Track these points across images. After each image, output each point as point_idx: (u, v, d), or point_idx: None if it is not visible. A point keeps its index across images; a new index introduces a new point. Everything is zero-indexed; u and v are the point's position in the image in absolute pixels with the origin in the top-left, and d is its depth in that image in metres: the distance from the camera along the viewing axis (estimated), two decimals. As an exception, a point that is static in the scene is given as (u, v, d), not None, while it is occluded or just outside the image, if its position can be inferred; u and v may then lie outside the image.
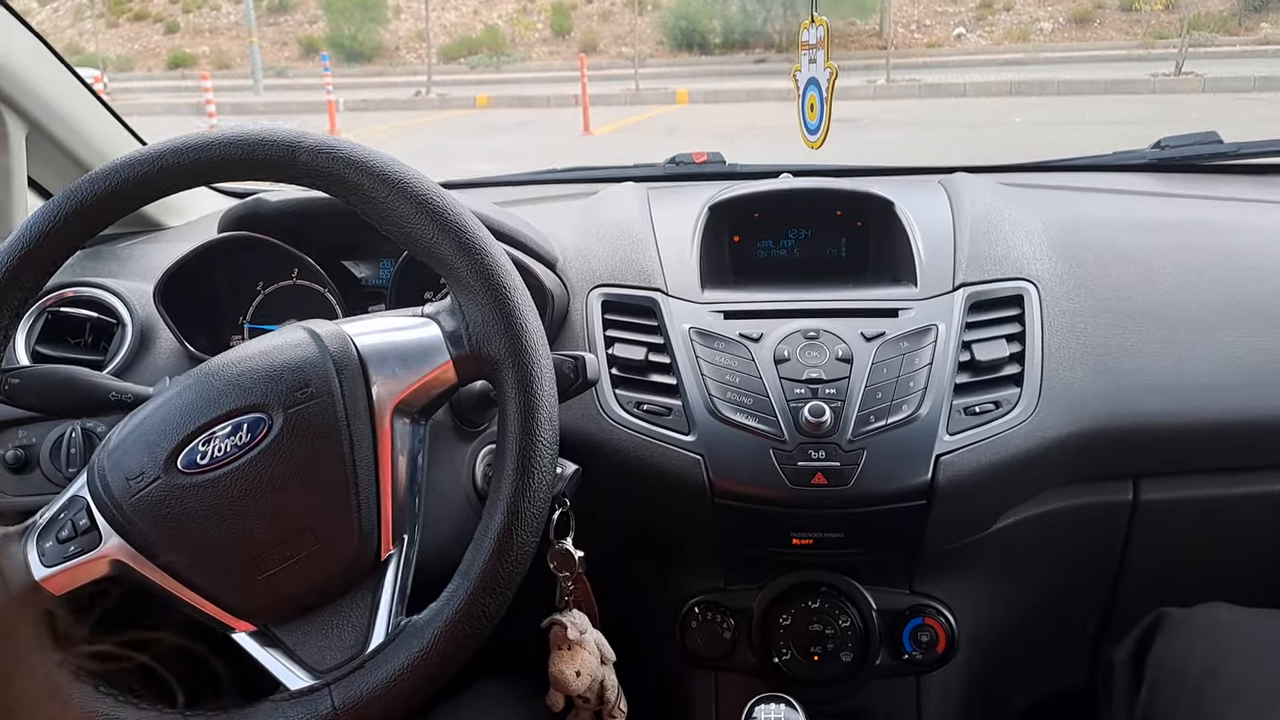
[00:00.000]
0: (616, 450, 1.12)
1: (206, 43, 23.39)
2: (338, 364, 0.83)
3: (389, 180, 0.83)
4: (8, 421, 1.17)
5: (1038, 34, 18.54)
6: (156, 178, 0.85)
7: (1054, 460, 1.11)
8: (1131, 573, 1.24)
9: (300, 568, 0.81)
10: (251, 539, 0.81)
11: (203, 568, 0.82)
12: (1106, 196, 1.42)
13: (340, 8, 21.29)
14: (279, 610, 0.83)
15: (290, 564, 0.81)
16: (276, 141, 0.84)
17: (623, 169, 1.68)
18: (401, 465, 0.85)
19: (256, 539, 0.81)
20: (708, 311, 1.18)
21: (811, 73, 1.29)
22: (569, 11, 22.12)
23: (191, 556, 0.81)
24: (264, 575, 0.81)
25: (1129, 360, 1.16)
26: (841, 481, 1.06)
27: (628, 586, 1.22)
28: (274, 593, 0.82)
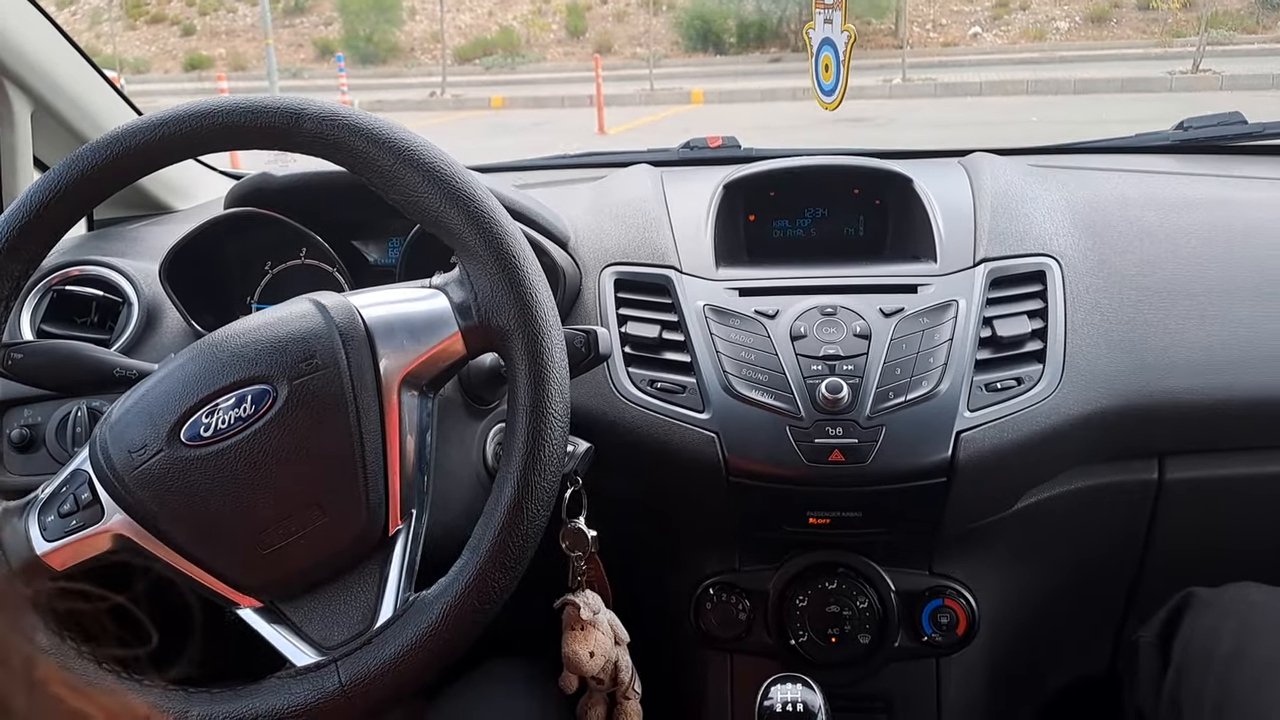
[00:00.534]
0: (630, 428, 1.10)
1: (223, 45, 23.50)
2: (344, 335, 0.81)
3: (395, 148, 0.81)
4: (13, 400, 1.16)
5: (1054, 33, 18.46)
6: (158, 145, 0.84)
7: (1077, 438, 1.09)
8: (1157, 553, 1.22)
9: (306, 542, 0.79)
10: (256, 513, 0.79)
11: (206, 542, 0.80)
12: (1129, 175, 1.39)
13: (355, 9, 21.36)
14: (285, 586, 0.81)
15: (296, 538, 0.79)
16: (280, 109, 0.83)
17: (637, 153, 1.66)
18: (409, 439, 0.83)
19: (261, 513, 0.79)
20: (722, 289, 1.16)
21: (826, 32, 1.27)
22: (584, 12, 22.13)
23: (195, 530, 0.80)
24: (269, 550, 0.79)
25: (1154, 336, 1.14)
26: (860, 459, 1.03)
27: (642, 567, 1.20)
28: (279, 568, 0.80)
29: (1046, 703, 1.38)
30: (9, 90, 1.26)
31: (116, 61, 19.81)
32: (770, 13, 19.02)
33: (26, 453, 1.16)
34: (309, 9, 23.86)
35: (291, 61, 21.55)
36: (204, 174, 1.63)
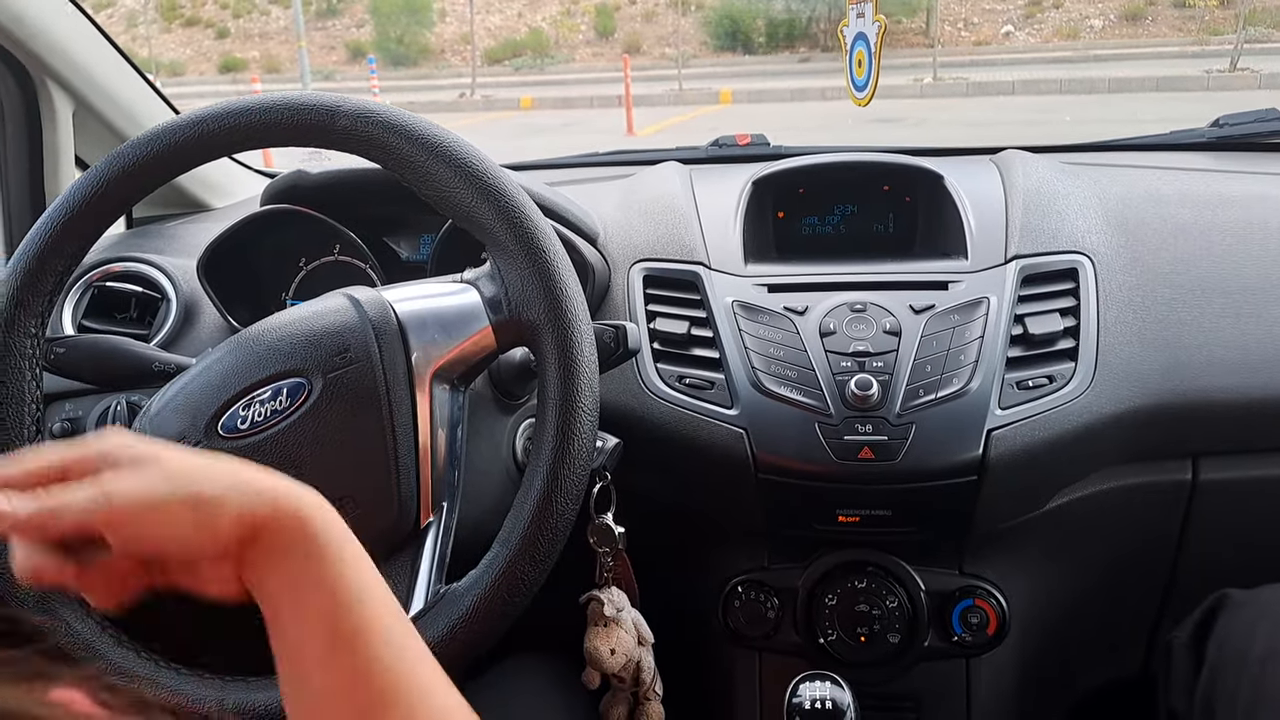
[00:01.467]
0: (658, 424, 1.10)
1: (256, 47, 23.71)
2: (377, 329, 0.82)
3: (428, 144, 0.82)
4: (56, 395, 1.18)
5: (1088, 31, 18.29)
6: (197, 143, 0.85)
7: (1110, 437, 1.08)
8: (1191, 554, 1.20)
9: None
10: None
11: None
12: (1163, 172, 1.38)
13: (387, 12, 21.50)
14: None
15: None
16: (316, 106, 0.84)
17: (666, 151, 1.66)
18: (441, 433, 0.83)
19: None
20: (751, 285, 1.16)
21: (859, 27, 1.26)
22: (612, 13, 22.15)
23: None
24: None
25: (1188, 335, 1.13)
26: (889, 456, 1.03)
27: (669, 564, 1.20)
28: None
29: (1078, 703, 1.37)
30: (52, 89, 1.28)
31: (152, 64, 20.05)
32: (799, 12, 18.97)
33: (68, 447, 1.17)
34: (341, 12, 24.04)
35: (324, 64, 21.71)
36: (240, 172, 1.65)
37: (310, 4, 22.61)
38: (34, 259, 0.84)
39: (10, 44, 1.20)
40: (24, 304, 0.83)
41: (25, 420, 0.82)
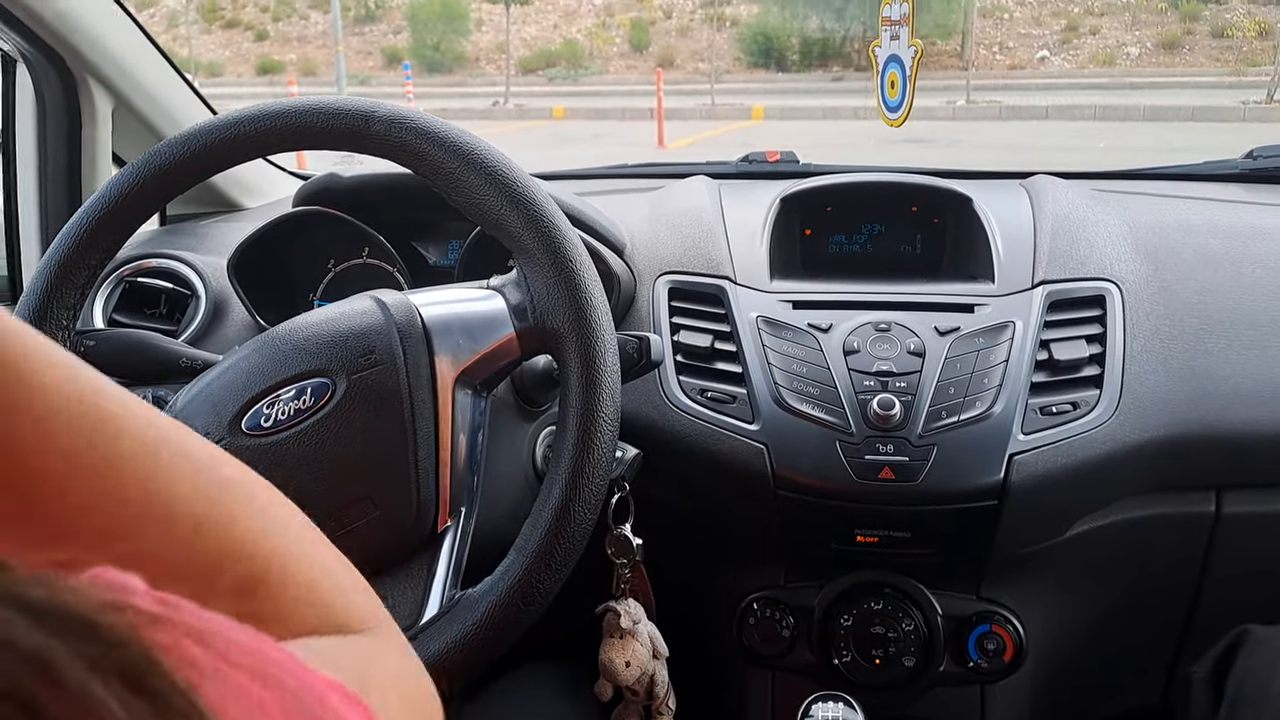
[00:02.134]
0: (679, 437, 1.10)
1: (294, 50, 23.94)
2: (402, 332, 0.83)
3: (459, 151, 0.83)
4: (82, 387, 1.19)
5: (1124, 58, 18.21)
6: (232, 144, 0.86)
7: (1133, 466, 1.07)
8: (1212, 587, 1.19)
9: (356, 536, 0.80)
10: (309, 504, 0.80)
11: None
12: (1194, 202, 1.37)
13: (424, 19, 21.68)
14: None
15: (346, 532, 0.80)
16: (351, 111, 0.85)
17: (695, 165, 1.66)
18: (461, 437, 0.84)
19: (314, 504, 0.80)
20: (776, 301, 1.16)
21: (893, 49, 1.27)
22: (647, 27, 22.23)
23: None
24: None
25: (1215, 365, 1.12)
26: (910, 477, 1.03)
27: (686, 578, 1.20)
28: None
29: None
30: (92, 86, 1.30)
31: (191, 64, 20.28)
32: (834, 31, 18.98)
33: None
34: (379, 18, 24.24)
35: (360, 69, 21.89)
36: (273, 173, 1.66)
37: (349, 9, 22.81)
38: (68, 253, 0.85)
39: (53, 40, 1.22)
40: (57, 296, 0.85)
41: None
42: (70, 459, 0.37)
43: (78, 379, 0.39)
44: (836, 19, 18.78)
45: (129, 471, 0.39)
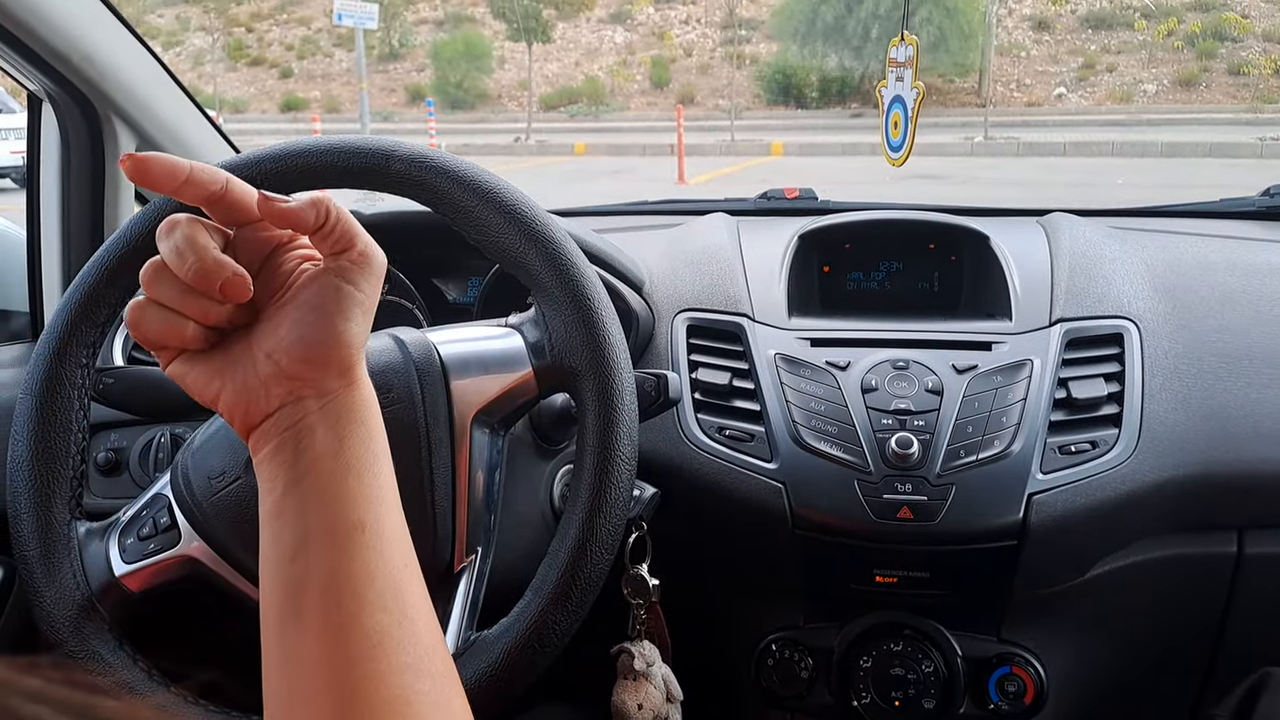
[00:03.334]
0: (696, 475, 1.10)
1: (318, 88, 24.25)
2: (420, 370, 0.83)
3: (478, 189, 0.83)
4: (101, 424, 1.20)
5: (1141, 95, 18.23)
6: (255, 181, 0.86)
7: (1153, 506, 1.06)
8: (1234, 629, 1.17)
9: None
10: None
11: None
12: (1212, 240, 1.36)
13: (447, 57, 21.92)
14: None
15: None
16: (371, 150, 0.85)
17: (714, 202, 1.67)
18: (479, 476, 0.83)
19: None
20: (794, 338, 1.16)
21: (898, 90, 1.28)
22: (668, 64, 22.43)
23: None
24: None
25: (1235, 404, 1.11)
26: (928, 517, 1.02)
27: (703, 619, 1.19)
28: None
29: None
30: (116, 125, 1.31)
31: (216, 101, 20.57)
32: (852, 68, 19.08)
33: (111, 476, 1.19)
34: (402, 56, 24.56)
35: (384, 105, 22.14)
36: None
37: (373, 47, 23.11)
38: (89, 290, 0.86)
39: (79, 81, 1.24)
40: (77, 334, 0.85)
41: (71, 449, 0.83)
42: None
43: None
44: (855, 57, 18.88)
45: None
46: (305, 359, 0.58)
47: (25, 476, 0.81)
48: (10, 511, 0.82)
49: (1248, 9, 19.81)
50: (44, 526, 0.82)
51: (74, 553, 0.82)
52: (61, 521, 0.82)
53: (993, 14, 17.54)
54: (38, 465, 0.81)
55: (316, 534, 0.55)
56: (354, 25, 15.03)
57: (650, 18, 24.98)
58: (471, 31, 23.43)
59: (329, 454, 0.57)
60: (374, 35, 21.76)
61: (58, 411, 0.82)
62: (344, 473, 0.57)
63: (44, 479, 0.82)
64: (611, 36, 24.45)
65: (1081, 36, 20.55)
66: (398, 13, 24.78)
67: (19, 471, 0.81)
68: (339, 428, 0.58)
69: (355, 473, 0.57)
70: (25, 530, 0.81)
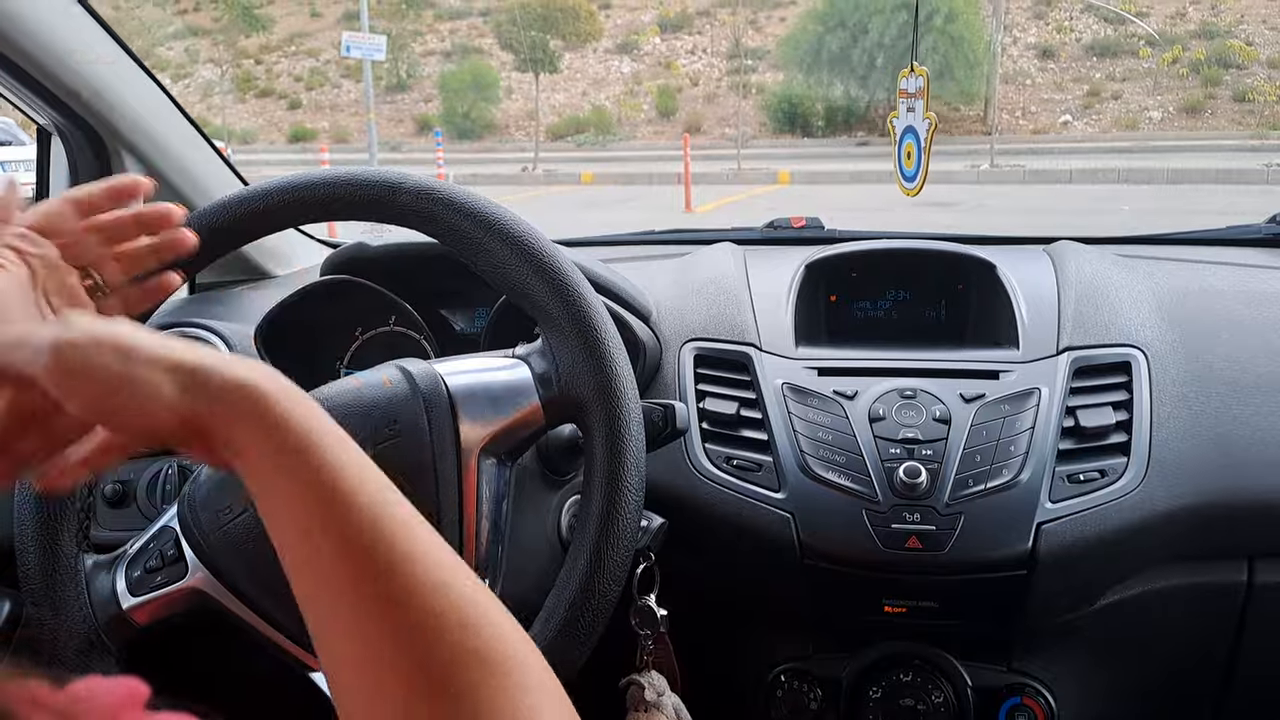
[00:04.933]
0: (704, 505, 1.10)
1: (326, 118, 24.44)
2: (427, 402, 0.82)
3: (485, 221, 0.84)
4: (110, 456, 1.20)
5: (1146, 122, 18.29)
6: (264, 213, 0.87)
7: (1163, 535, 1.05)
8: (1247, 658, 1.16)
9: None
10: None
11: (283, 604, 0.81)
12: (1218, 267, 1.36)
13: (455, 87, 22.08)
14: None
15: None
16: (379, 182, 0.86)
17: (720, 232, 1.67)
18: (486, 507, 0.83)
19: None
20: (802, 368, 1.16)
21: (909, 121, 1.29)
22: (674, 93, 22.57)
23: (273, 592, 0.80)
24: None
25: (1245, 432, 1.10)
26: (937, 546, 1.02)
27: (711, 650, 1.18)
28: None
29: None
30: (126, 159, 1.32)
31: (225, 132, 20.72)
32: (858, 97, 19.19)
33: (118, 508, 1.19)
34: (410, 86, 24.76)
35: (391, 135, 22.29)
36: (302, 241, 1.68)
37: (381, 78, 23.29)
38: None
39: (89, 115, 1.25)
40: None
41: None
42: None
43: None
44: (861, 85, 18.99)
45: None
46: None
47: (32, 509, 0.81)
48: (18, 544, 0.82)
49: (1252, 36, 19.91)
50: (51, 559, 0.81)
51: (81, 585, 0.82)
52: (69, 554, 0.82)
53: (997, 42, 17.62)
54: (45, 498, 0.82)
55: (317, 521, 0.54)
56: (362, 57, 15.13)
57: (656, 48, 25.18)
58: (479, 62, 23.61)
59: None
60: (381, 66, 21.90)
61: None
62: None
63: (51, 512, 0.82)
64: (618, 66, 24.64)
65: (1086, 64, 20.66)
66: (405, 44, 24.99)
67: (26, 504, 0.82)
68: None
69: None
70: (32, 562, 0.81)
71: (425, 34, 27.31)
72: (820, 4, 19.98)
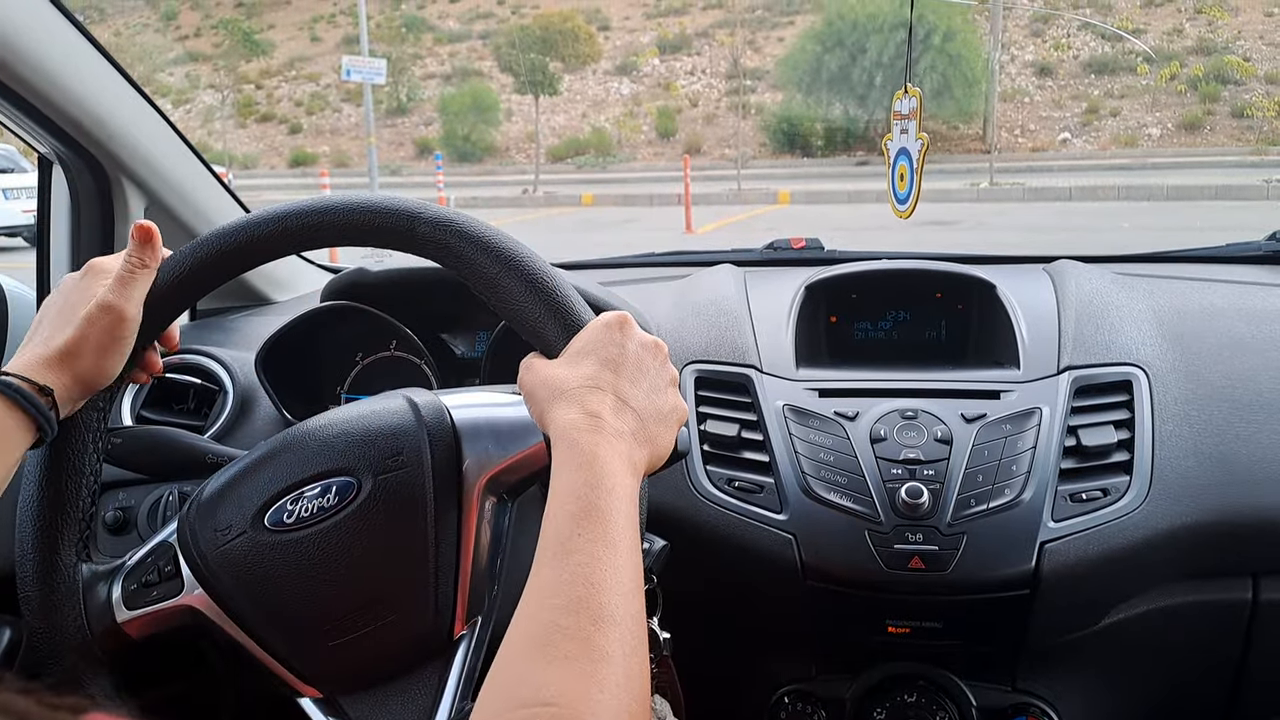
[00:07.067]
0: (707, 527, 1.10)
1: (327, 143, 24.52)
2: (431, 435, 0.81)
3: (499, 255, 0.81)
4: (109, 484, 1.20)
5: (1145, 139, 18.34)
6: (279, 238, 0.85)
7: (1166, 553, 1.05)
8: (1252, 676, 1.16)
9: (371, 639, 0.78)
10: (326, 604, 0.79)
11: (276, 627, 0.80)
12: (1218, 285, 1.36)
13: (455, 111, 22.16)
14: (346, 680, 0.80)
15: (362, 634, 0.78)
16: (397, 211, 0.83)
17: (721, 253, 1.68)
18: (484, 544, 0.82)
19: (331, 604, 0.79)
20: (803, 389, 1.16)
21: (903, 142, 1.29)
22: (674, 115, 22.65)
23: (266, 614, 0.80)
24: (335, 643, 0.78)
25: (1245, 450, 1.10)
26: (940, 566, 1.01)
27: (715, 673, 1.18)
28: (343, 662, 0.79)
29: None
30: (126, 187, 1.33)
31: (226, 157, 20.79)
32: (857, 117, 19.25)
33: (119, 534, 1.18)
34: (410, 110, 24.86)
35: (392, 159, 22.38)
36: (303, 267, 1.69)
37: (381, 102, 23.39)
38: None
39: (90, 144, 1.25)
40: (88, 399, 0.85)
41: (82, 493, 0.83)
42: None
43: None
44: (860, 105, 19.06)
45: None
46: None
47: (34, 516, 0.81)
48: (18, 552, 0.81)
49: (1249, 52, 19.98)
50: (49, 568, 0.81)
51: (77, 594, 0.82)
52: (67, 564, 0.82)
53: (995, 60, 17.70)
54: (47, 508, 0.81)
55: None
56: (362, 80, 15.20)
57: (656, 69, 25.30)
58: (479, 85, 23.73)
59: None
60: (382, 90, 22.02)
61: (70, 457, 0.82)
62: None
63: (52, 522, 0.81)
64: (618, 88, 24.75)
65: (1084, 82, 20.73)
66: (405, 67, 25.12)
67: (28, 513, 0.81)
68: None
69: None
70: (30, 568, 0.81)
71: (425, 57, 27.46)
72: (818, 24, 20.10)
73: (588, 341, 0.77)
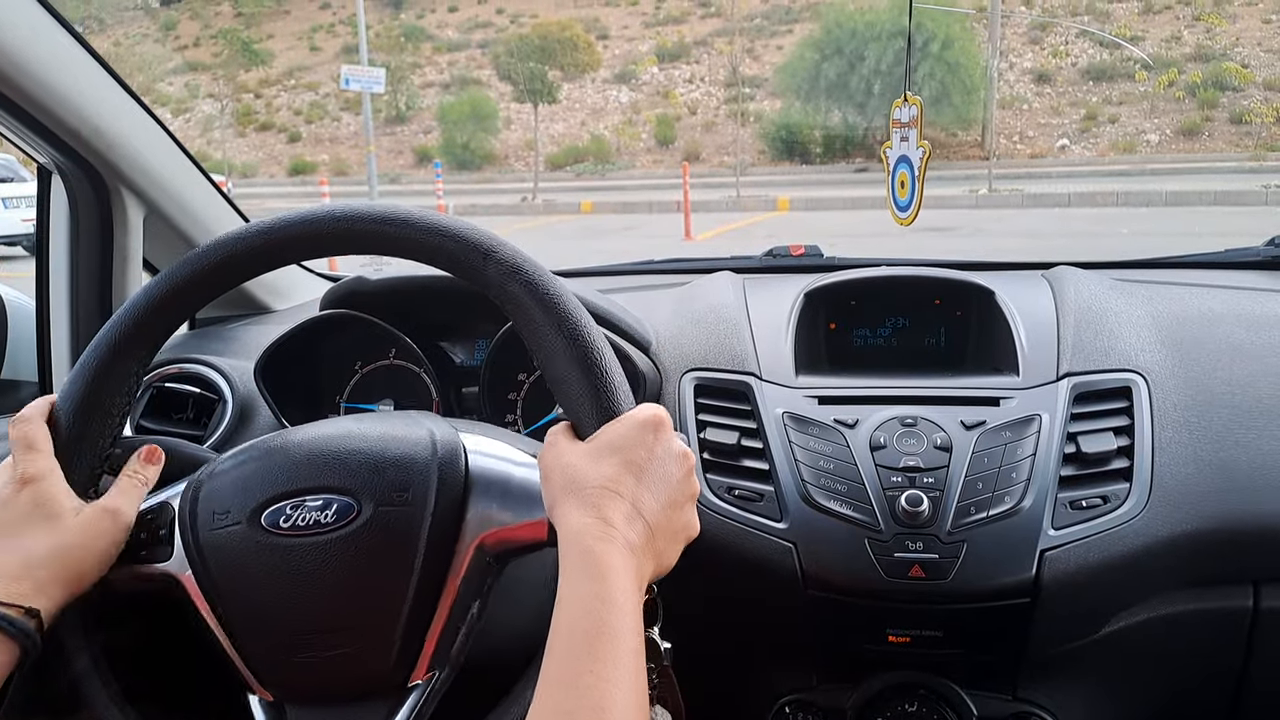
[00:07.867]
0: (706, 536, 1.08)
1: (326, 151, 24.57)
2: (442, 478, 0.79)
3: (563, 323, 0.78)
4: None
5: (1144, 145, 18.37)
6: (329, 239, 0.83)
7: (1167, 560, 1.05)
8: (1254, 685, 1.16)
9: (330, 664, 0.78)
10: (299, 618, 0.78)
11: (246, 626, 0.79)
12: (1217, 291, 1.36)
13: (454, 119, 22.21)
14: (299, 694, 0.80)
15: (323, 657, 0.77)
16: (473, 243, 0.80)
17: (720, 260, 1.68)
18: (463, 601, 0.80)
19: (303, 620, 0.77)
20: (802, 396, 1.15)
21: (903, 150, 1.29)
22: (673, 122, 22.70)
23: (239, 611, 0.79)
24: (296, 659, 0.78)
25: (1247, 457, 1.10)
26: (940, 575, 1.01)
27: (715, 682, 1.18)
28: (299, 678, 0.79)
29: None
30: (125, 196, 1.33)
31: (225, 166, 20.80)
32: (856, 124, 19.29)
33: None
34: (409, 118, 24.91)
35: (391, 167, 22.41)
36: (302, 276, 1.69)
37: (380, 111, 23.42)
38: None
39: (89, 154, 1.25)
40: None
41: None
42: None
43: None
44: (858, 112, 19.10)
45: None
46: None
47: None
48: None
49: (1247, 58, 20.03)
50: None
51: None
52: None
53: (994, 68, 17.75)
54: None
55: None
56: (361, 89, 15.24)
57: (655, 77, 25.36)
58: (478, 93, 23.78)
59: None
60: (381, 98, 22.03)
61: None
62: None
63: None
64: (617, 96, 24.80)
65: (1083, 88, 20.78)
66: (404, 76, 25.17)
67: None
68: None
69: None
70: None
71: (424, 66, 27.53)
72: (817, 32, 20.17)
73: (619, 436, 0.75)
